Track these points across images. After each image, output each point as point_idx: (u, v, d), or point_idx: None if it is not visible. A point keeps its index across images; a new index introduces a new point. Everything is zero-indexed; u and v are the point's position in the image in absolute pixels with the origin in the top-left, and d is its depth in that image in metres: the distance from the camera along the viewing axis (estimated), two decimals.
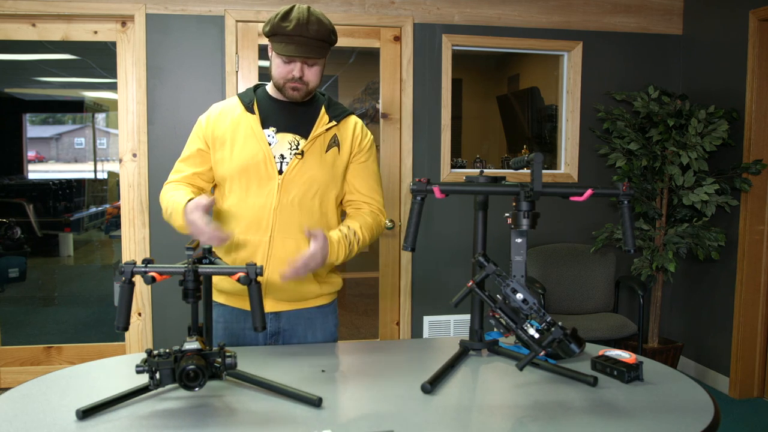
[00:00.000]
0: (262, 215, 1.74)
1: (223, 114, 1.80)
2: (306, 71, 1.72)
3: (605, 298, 3.84)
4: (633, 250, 1.45)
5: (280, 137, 1.77)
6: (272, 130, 1.77)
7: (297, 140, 1.77)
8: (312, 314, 1.85)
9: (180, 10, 3.43)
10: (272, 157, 1.74)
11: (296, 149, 1.76)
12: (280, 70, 1.72)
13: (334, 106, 1.84)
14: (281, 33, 1.66)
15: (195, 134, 1.83)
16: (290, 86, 1.73)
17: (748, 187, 3.42)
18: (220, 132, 1.77)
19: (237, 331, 1.83)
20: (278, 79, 1.74)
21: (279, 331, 1.83)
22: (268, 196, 1.73)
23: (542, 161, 1.36)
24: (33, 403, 1.32)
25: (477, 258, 1.44)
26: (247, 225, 1.75)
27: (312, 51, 1.67)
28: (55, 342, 3.65)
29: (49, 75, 4.82)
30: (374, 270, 3.83)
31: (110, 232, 5.59)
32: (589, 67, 3.88)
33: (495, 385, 1.47)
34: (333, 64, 4.94)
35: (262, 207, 1.74)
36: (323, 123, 1.79)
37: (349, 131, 1.83)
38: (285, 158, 1.75)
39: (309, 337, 1.85)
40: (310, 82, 1.74)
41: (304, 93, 1.75)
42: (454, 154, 3.83)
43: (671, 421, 1.26)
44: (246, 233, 1.75)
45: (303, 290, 1.80)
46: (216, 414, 1.28)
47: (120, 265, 1.30)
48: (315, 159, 1.76)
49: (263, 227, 1.74)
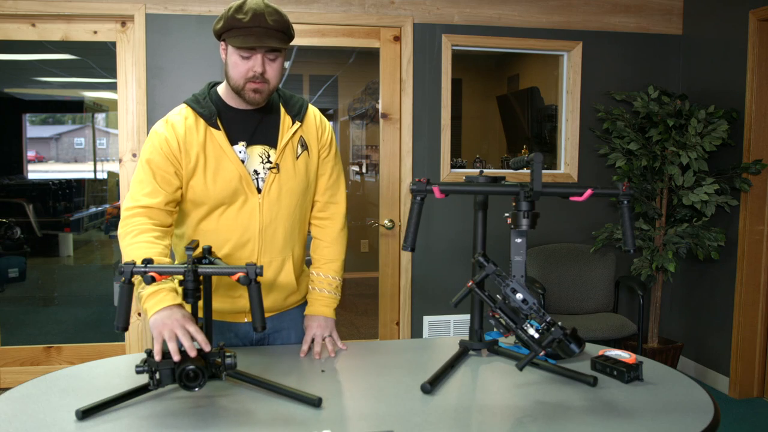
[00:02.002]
0: (247, 238, 1.66)
1: (189, 134, 1.61)
2: (267, 67, 1.56)
3: (605, 298, 3.84)
4: (633, 250, 1.45)
5: (250, 151, 1.65)
6: (242, 145, 1.64)
7: (267, 152, 1.66)
8: (294, 315, 1.84)
9: (180, 10, 3.43)
10: (249, 177, 1.62)
11: (268, 162, 1.65)
12: (238, 69, 1.56)
13: (290, 102, 1.72)
14: (237, 26, 1.52)
15: (164, 153, 1.59)
16: (251, 87, 1.58)
17: (748, 187, 3.42)
18: (193, 156, 1.60)
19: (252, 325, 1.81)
20: (237, 80, 1.58)
21: (264, 336, 1.82)
22: (251, 218, 1.65)
23: (542, 161, 1.36)
24: (33, 403, 1.32)
25: (477, 258, 1.44)
26: (230, 249, 1.66)
27: (273, 40, 1.52)
28: (55, 342, 3.65)
29: (49, 75, 4.82)
30: (374, 270, 3.83)
31: (110, 232, 5.58)
32: (589, 67, 3.88)
33: (495, 385, 1.47)
34: (333, 64, 4.94)
35: (246, 228, 1.66)
36: (287, 126, 1.68)
37: (312, 128, 1.74)
38: (259, 174, 1.65)
39: (293, 336, 1.84)
40: (271, 80, 1.59)
41: (266, 94, 1.61)
42: (454, 154, 3.82)
43: (671, 421, 1.26)
44: (230, 257, 1.67)
45: (287, 301, 1.80)
46: (216, 414, 1.28)
47: (120, 265, 1.30)
48: (289, 170, 1.67)
49: (248, 250, 1.67)
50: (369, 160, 5.17)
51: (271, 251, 1.69)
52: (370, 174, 5.04)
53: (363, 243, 4.47)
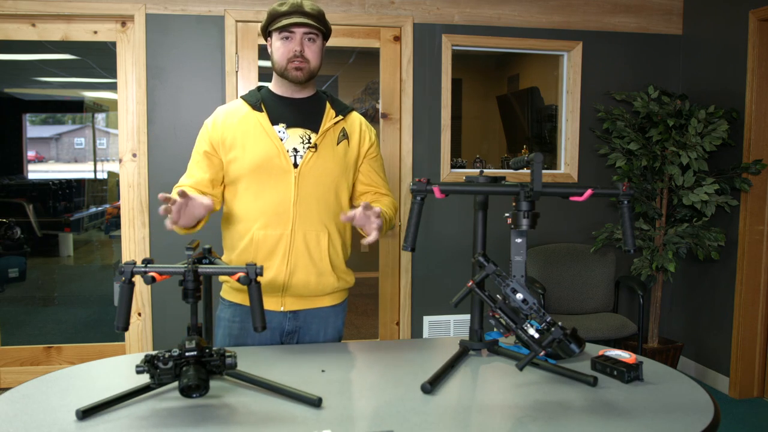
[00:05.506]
0: (282, 209, 1.76)
1: (230, 116, 1.80)
2: (306, 48, 1.76)
3: (605, 298, 3.84)
4: (633, 250, 1.45)
5: (290, 132, 1.79)
6: (282, 126, 1.79)
7: (308, 134, 1.80)
8: (326, 313, 1.88)
9: (180, 10, 3.43)
10: (285, 152, 1.76)
11: (309, 143, 1.78)
12: (281, 51, 1.76)
13: (337, 102, 1.88)
14: (278, 15, 1.76)
15: (201, 138, 1.83)
16: (293, 66, 1.76)
17: (748, 187, 3.42)
18: (230, 133, 1.78)
19: (252, 329, 1.83)
20: (281, 61, 1.77)
21: (296, 329, 1.85)
22: (286, 190, 1.75)
23: (542, 161, 1.36)
24: (33, 403, 1.32)
25: (477, 258, 1.44)
26: (266, 220, 1.76)
27: (310, 20, 1.73)
28: (55, 342, 3.65)
29: (49, 75, 4.82)
30: (374, 270, 3.83)
31: (110, 232, 5.59)
32: (589, 67, 3.88)
33: (495, 385, 1.47)
34: (333, 64, 4.94)
35: (281, 201, 1.75)
36: (331, 117, 1.83)
37: (355, 125, 1.88)
38: (298, 152, 1.77)
39: (321, 335, 1.88)
40: (311, 60, 1.77)
41: (306, 73, 1.78)
42: (454, 154, 3.83)
43: (671, 421, 1.26)
44: (266, 228, 1.76)
45: (323, 284, 1.82)
46: (216, 414, 1.28)
47: (120, 265, 1.30)
48: (328, 151, 1.79)
49: (283, 221, 1.76)
50: None
51: (304, 224, 1.77)
52: None
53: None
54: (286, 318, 1.83)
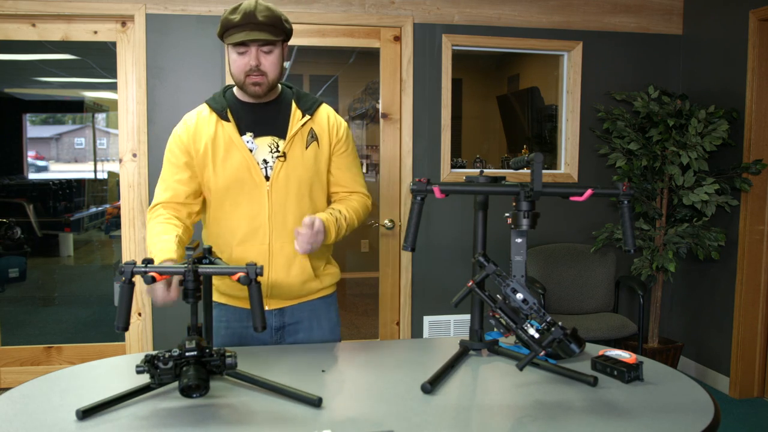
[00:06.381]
0: (257, 224, 1.74)
1: (200, 126, 1.74)
2: (262, 59, 1.67)
3: (605, 298, 3.84)
4: (633, 250, 1.45)
5: (259, 142, 1.74)
6: (250, 136, 1.74)
7: (276, 142, 1.75)
8: (315, 305, 1.87)
9: (180, 10, 3.43)
10: (256, 165, 1.72)
11: (277, 152, 1.74)
12: (237, 65, 1.68)
13: (303, 99, 1.80)
14: (231, 26, 1.63)
15: (176, 148, 1.76)
16: (250, 81, 1.68)
17: (748, 187, 3.42)
18: (202, 146, 1.73)
19: (240, 330, 1.83)
20: (237, 75, 1.69)
21: (283, 325, 1.84)
22: (260, 205, 1.73)
23: (542, 161, 1.36)
24: (33, 403, 1.32)
25: (477, 258, 1.44)
26: (243, 236, 1.75)
27: (263, 33, 1.62)
28: (55, 342, 3.65)
29: (49, 75, 4.82)
30: (374, 270, 3.83)
31: (110, 232, 5.59)
32: (589, 67, 3.88)
33: (495, 385, 1.47)
34: (333, 64, 4.94)
35: (256, 216, 1.74)
36: (297, 119, 1.76)
37: (323, 123, 1.81)
38: (268, 163, 1.74)
39: (315, 328, 1.87)
40: (269, 72, 1.69)
41: (265, 87, 1.70)
42: (454, 154, 3.82)
43: (671, 421, 1.26)
44: (243, 244, 1.75)
45: (305, 288, 1.82)
46: (216, 414, 1.28)
47: (120, 265, 1.30)
48: (297, 158, 1.75)
49: (260, 236, 1.75)
50: (369, 160, 5.16)
51: (282, 237, 1.75)
52: (371, 174, 5.04)
53: (363, 243, 4.47)
54: (273, 315, 1.83)
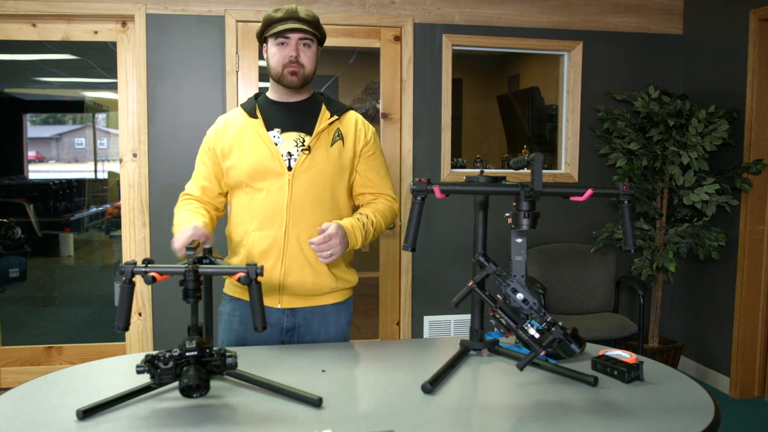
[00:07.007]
0: (276, 211, 1.79)
1: (228, 124, 1.87)
2: (301, 53, 1.80)
3: (605, 298, 3.84)
4: (633, 250, 1.45)
5: (285, 137, 1.83)
6: (277, 131, 1.83)
7: (302, 137, 1.83)
8: (327, 311, 1.88)
9: (180, 10, 3.43)
10: (280, 156, 1.80)
11: (303, 145, 1.82)
12: (277, 57, 1.81)
13: (333, 103, 1.90)
14: (274, 21, 1.79)
15: (205, 146, 1.90)
16: (288, 71, 1.80)
17: (749, 186, 3.42)
18: (228, 141, 1.84)
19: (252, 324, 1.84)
20: (276, 67, 1.81)
21: (294, 326, 1.86)
22: (280, 193, 1.79)
23: (542, 161, 1.36)
24: (33, 403, 1.32)
25: (477, 258, 1.44)
26: (261, 221, 1.80)
27: (306, 26, 1.77)
28: (55, 342, 3.65)
29: (49, 75, 4.83)
30: (374, 270, 3.83)
31: (110, 232, 5.60)
32: (589, 67, 3.88)
33: (495, 385, 1.47)
34: (333, 64, 4.94)
35: (275, 203, 1.79)
36: (325, 118, 1.84)
37: (351, 125, 1.89)
38: (292, 155, 1.81)
39: (322, 333, 1.88)
40: (306, 65, 1.81)
41: (301, 77, 1.81)
42: (454, 154, 3.82)
43: (671, 421, 1.26)
44: (261, 229, 1.80)
45: (319, 285, 1.83)
46: (216, 414, 1.28)
47: (120, 265, 1.30)
48: (322, 153, 1.81)
49: (277, 222, 1.79)
50: None
51: (298, 225, 1.80)
52: None
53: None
54: (285, 315, 1.84)
